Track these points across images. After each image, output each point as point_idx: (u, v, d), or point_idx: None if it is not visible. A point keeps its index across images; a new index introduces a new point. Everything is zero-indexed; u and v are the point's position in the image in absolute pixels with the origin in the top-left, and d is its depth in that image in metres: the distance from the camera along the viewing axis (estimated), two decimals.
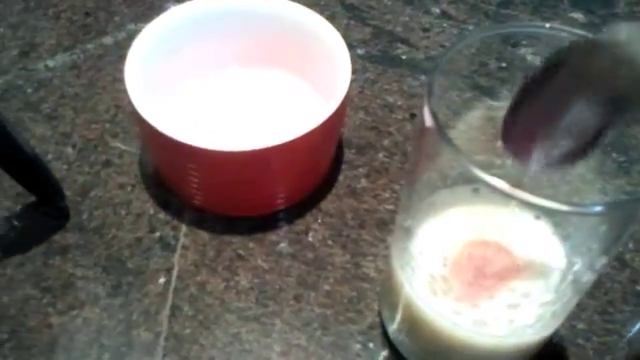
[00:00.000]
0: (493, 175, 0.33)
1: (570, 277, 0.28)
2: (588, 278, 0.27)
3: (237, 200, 0.38)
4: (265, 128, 0.39)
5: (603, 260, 0.26)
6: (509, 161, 0.33)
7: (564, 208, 0.21)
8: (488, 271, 0.29)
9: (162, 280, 0.36)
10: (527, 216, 0.31)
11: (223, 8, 0.40)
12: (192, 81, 0.41)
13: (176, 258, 0.37)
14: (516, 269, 0.29)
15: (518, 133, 0.27)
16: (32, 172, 0.35)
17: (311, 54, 0.39)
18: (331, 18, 0.43)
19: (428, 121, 0.24)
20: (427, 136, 0.25)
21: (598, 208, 0.22)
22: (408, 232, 0.29)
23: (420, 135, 0.26)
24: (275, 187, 0.37)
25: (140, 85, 0.35)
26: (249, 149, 0.33)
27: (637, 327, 0.36)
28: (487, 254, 0.30)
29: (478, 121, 0.31)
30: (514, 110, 0.26)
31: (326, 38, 0.38)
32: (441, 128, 0.24)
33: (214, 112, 0.40)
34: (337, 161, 0.41)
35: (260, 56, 0.41)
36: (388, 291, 0.33)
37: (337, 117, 0.35)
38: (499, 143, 0.32)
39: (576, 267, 0.28)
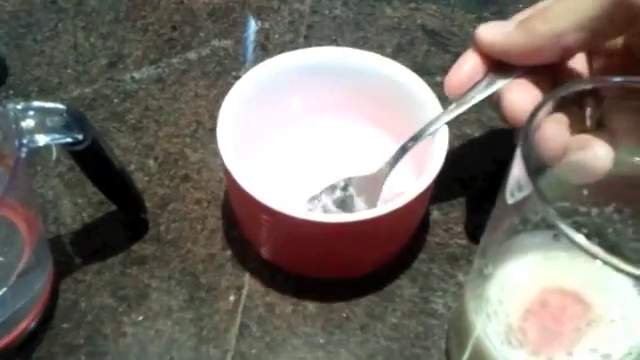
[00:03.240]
0: (576, 222, 0.32)
1: None
2: None
3: (312, 262, 0.37)
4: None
5: None
6: (594, 209, 0.32)
7: None
8: (565, 323, 0.29)
9: (232, 298, 0.37)
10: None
11: (318, 61, 0.39)
12: (281, 133, 0.40)
13: (246, 277, 0.38)
14: (595, 323, 0.29)
15: None
16: (118, 184, 0.36)
17: (406, 116, 0.37)
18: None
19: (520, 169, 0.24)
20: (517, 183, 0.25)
21: None
22: (486, 277, 0.29)
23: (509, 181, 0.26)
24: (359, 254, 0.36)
25: (230, 137, 0.34)
26: (338, 221, 0.32)
27: None
28: (565, 304, 0.29)
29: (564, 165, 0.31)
30: None
31: (425, 102, 0.36)
32: (533, 177, 0.24)
33: (300, 166, 0.40)
34: None
35: (353, 111, 0.40)
36: (457, 331, 0.33)
37: (428, 190, 0.34)
38: (585, 191, 0.31)
39: None
